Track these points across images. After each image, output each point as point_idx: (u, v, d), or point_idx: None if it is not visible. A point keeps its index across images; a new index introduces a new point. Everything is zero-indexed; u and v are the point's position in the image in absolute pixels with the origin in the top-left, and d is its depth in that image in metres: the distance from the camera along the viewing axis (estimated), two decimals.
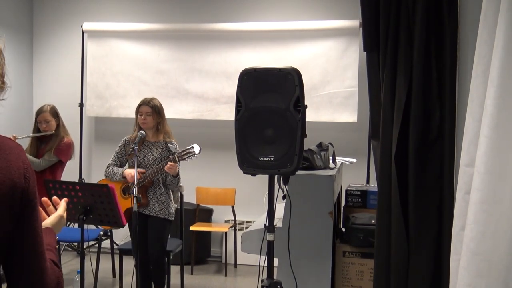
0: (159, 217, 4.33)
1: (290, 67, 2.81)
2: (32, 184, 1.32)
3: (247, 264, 5.93)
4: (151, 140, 4.39)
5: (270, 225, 2.96)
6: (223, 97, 6.12)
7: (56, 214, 1.70)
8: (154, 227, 4.36)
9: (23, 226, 1.30)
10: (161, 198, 4.34)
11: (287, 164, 2.82)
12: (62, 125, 4.83)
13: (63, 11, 6.68)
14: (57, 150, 4.67)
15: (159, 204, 4.33)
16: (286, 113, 2.79)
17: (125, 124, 6.38)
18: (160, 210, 4.33)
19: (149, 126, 4.35)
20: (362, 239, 3.56)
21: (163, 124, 4.43)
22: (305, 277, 3.30)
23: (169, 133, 4.44)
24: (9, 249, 1.29)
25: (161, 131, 4.40)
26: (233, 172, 3.53)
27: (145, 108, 4.35)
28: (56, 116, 4.79)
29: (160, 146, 4.35)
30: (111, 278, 5.53)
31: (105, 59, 6.43)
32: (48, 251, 1.45)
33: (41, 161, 4.64)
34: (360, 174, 5.55)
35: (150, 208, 4.32)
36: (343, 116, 5.90)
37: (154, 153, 4.33)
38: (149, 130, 4.37)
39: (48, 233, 1.58)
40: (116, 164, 4.44)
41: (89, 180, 6.47)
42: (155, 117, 4.36)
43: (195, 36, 6.27)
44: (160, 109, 4.41)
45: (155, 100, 4.42)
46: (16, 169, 1.28)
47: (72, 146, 4.82)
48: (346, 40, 5.88)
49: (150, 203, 4.33)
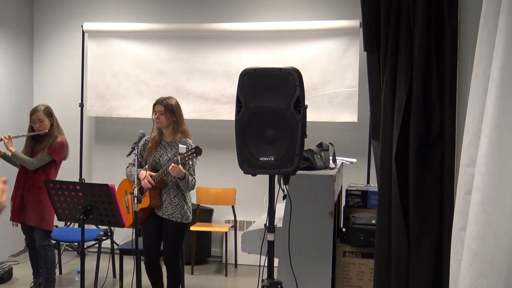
0: (172, 220, 4.27)
1: (290, 67, 2.81)
2: None
3: (248, 264, 5.93)
4: (168, 140, 4.36)
5: (270, 225, 2.96)
6: (223, 97, 6.12)
7: None
8: (167, 232, 4.32)
9: None
10: (175, 200, 4.28)
11: (287, 164, 2.81)
12: (56, 124, 4.82)
13: (64, 11, 6.68)
14: (50, 149, 4.67)
15: (172, 207, 4.27)
16: (287, 113, 2.78)
17: (125, 124, 6.40)
18: (173, 213, 4.26)
19: (163, 125, 4.32)
20: (363, 239, 3.56)
21: (179, 123, 4.38)
22: (305, 277, 3.30)
23: (186, 133, 4.39)
24: None
25: (178, 130, 4.37)
26: (233, 172, 3.53)
27: (158, 107, 4.33)
28: (50, 116, 4.79)
29: (175, 146, 4.31)
30: (112, 278, 5.53)
31: (106, 59, 6.43)
32: None
33: (34, 160, 4.65)
34: (360, 174, 5.55)
35: (163, 211, 4.26)
36: (344, 116, 5.90)
37: (169, 153, 4.29)
38: (165, 130, 4.35)
39: None
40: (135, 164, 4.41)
41: (89, 180, 6.47)
42: (168, 116, 4.31)
43: (196, 36, 6.27)
44: (175, 108, 4.35)
45: (170, 99, 4.37)
46: None
47: (66, 145, 4.81)
48: (347, 40, 5.87)
49: (163, 205, 4.29)
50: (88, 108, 6.50)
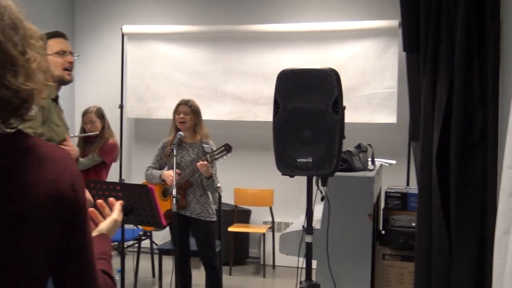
0: (201, 219, 4.33)
1: (328, 68, 2.80)
2: (81, 195, 1.27)
3: (285, 265, 5.91)
4: (188, 141, 4.42)
5: (308, 227, 2.94)
6: (261, 98, 6.12)
7: (111, 218, 1.65)
8: (200, 231, 4.37)
9: (73, 238, 1.26)
10: (201, 200, 4.34)
11: (325, 165, 2.80)
12: (108, 126, 4.90)
13: (104, 14, 6.80)
14: (100, 150, 4.74)
15: (199, 206, 4.33)
16: (325, 114, 2.77)
17: (164, 125, 6.42)
18: (201, 212, 4.32)
19: (187, 126, 4.38)
20: (402, 241, 3.52)
21: (200, 125, 4.45)
22: (344, 279, 3.27)
23: (206, 135, 4.47)
24: (59, 263, 1.26)
25: (198, 132, 4.43)
26: (271, 173, 3.52)
27: (183, 108, 4.40)
28: (102, 117, 4.87)
29: (197, 147, 4.37)
30: (151, 277, 5.59)
31: (145, 61, 6.51)
32: (102, 260, 1.40)
33: (85, 159, 4.71)
34: (399, 176, 5.48)
35: (191, 210, 4.32)
36: (382, 117, 5.84)
37: (191, 154, 4.35)
38: (186, 131, 4.40)
39: (102, 240, 1.53)
40: (156, 167, 4.48)
41: (129, 180, 6.56)
42: (192, 117, 4.39)
43: (233, 37, 6.30)
44: (198, 110, 4.46)
45: (193, 101, 4.47)
46: (63, 180, 1.23)
47: (117, 147, 4.88)
48: (385, 41, 5.81)
49: (190, 205, 4.34)
50: (128, 110, 6.60)
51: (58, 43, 3.12)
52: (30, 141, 1.23)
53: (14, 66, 1.17)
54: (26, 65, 1.19)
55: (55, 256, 1.25)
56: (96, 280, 1.32)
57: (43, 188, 1.20)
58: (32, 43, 1.22)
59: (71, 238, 1.26)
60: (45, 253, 1.23)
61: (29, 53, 1.20)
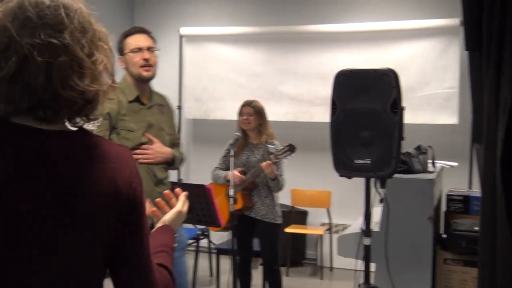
0: (266, 221, 4.31)
1: (386, 68, 2.76)
2: (139, 192, 1.30)
3: (343, 268, 5.85)
4: (253, 142, 4.43)
5: (366, 229, 2.90)
6: (317, 99, 6.09)
7: (175, 210, 1.67)
8: (265, 233, 4.37)
9: (129, 233, 1.29)
10: (266, 201, 4.33)
11: (383, 167, 2.75)
12: None
13: (162, 16, 6.92)
14: None
15: (265, 207, 4.31)
16: (383, 115, 2.72)
17: (222, 126, 6.52)
18: (266, 214, 4.31)
19: (251, 126, 4.39)
20: (465, 246, 3.41)
21: (265, 126, 4.46)
22: (403, 283, 3.20)
23: (272, 135, 4.47)
24: (115, 257, 1.29)
25: (263, 133, 4.43)
26: (328, 175, 3.50)
27: (247, 109, 4.42)
28: None
29: (262, 148, 4.37)
30: (209, 276, 5.65)
31: (202, 63, 6.59)
32: (162, 253, 1.43)
33: None
34: (461, 178, 5.34)
35: (256, 211, 4.32)
36: (443, 118, 5.70)
37: (257, 154, 4.36)
38: (251, 132, 4.42)
39: (165, 232, 1.55)
40: (222, 168, 4.51)
41: (186, 180, 6.65)
42: (256, 117, 4.40)
43: (290, 38, 6.29)
44: (262, 111, 4.46)
45: (256, 102, 4.48)
46: (122, 178, 1.26)
47: None
48: (445, 40, 5.67)
49: (255, 206, 4.34)
50: (186, 111, 6.69)
51: (135, 40, 3.11)
52: (93, 139, 1.28)
53: (81, 68, 1.20)
54: (93, 67, 1.22)
55: (111, 250, 1.28)
56: (151, 274, 1.34)
57: (102, 184, 1.24)
58: (100, 45, 1.25)
59: (127, 233, 1.29)
60: (103, 247, 1.27)
61: (96, 55, 1.23)
